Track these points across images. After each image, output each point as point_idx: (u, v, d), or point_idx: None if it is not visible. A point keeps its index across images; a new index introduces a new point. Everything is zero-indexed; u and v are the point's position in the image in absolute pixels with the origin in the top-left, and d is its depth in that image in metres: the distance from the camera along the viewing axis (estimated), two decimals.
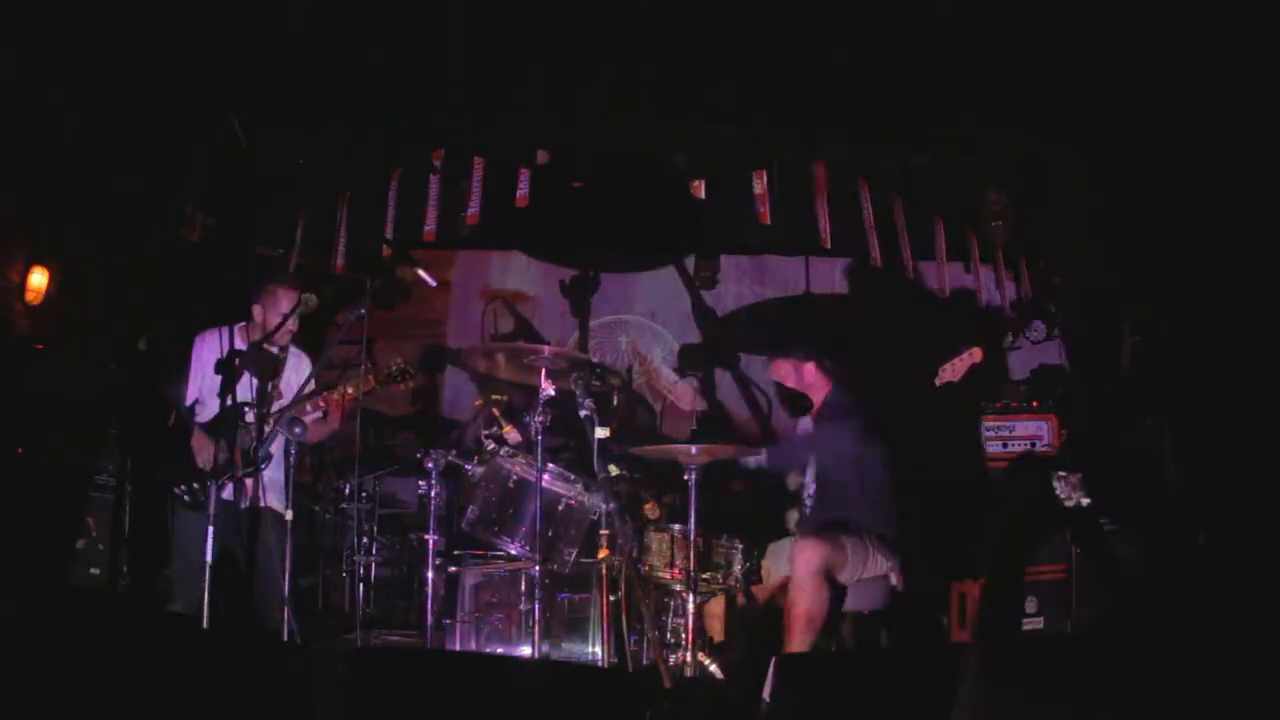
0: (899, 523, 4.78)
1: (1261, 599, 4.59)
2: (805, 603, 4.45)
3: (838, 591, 4.59)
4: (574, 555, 4.72)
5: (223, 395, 4.19)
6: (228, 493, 4.31)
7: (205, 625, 3.99)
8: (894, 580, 4.74)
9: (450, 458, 4.92)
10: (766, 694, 3.76)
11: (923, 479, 5.03)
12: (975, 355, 4.61)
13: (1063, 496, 4.65)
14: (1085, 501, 4.60)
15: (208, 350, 4.53)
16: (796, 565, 4.54)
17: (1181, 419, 5.15)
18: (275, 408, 4.46)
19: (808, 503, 4.95)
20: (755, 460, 5.05)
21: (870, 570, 4.67)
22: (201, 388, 4.56)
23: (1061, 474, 4.67)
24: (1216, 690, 3.14)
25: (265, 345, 4.46)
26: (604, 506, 4.42)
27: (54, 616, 3.24)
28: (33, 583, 4.68)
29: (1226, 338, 5.19)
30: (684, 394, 5.26)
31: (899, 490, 4.85)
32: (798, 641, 4.44)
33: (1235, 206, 5.11)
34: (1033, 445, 5.67)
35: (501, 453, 4.79)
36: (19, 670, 2.99)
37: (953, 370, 4.66)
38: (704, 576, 4.72)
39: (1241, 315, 5.17)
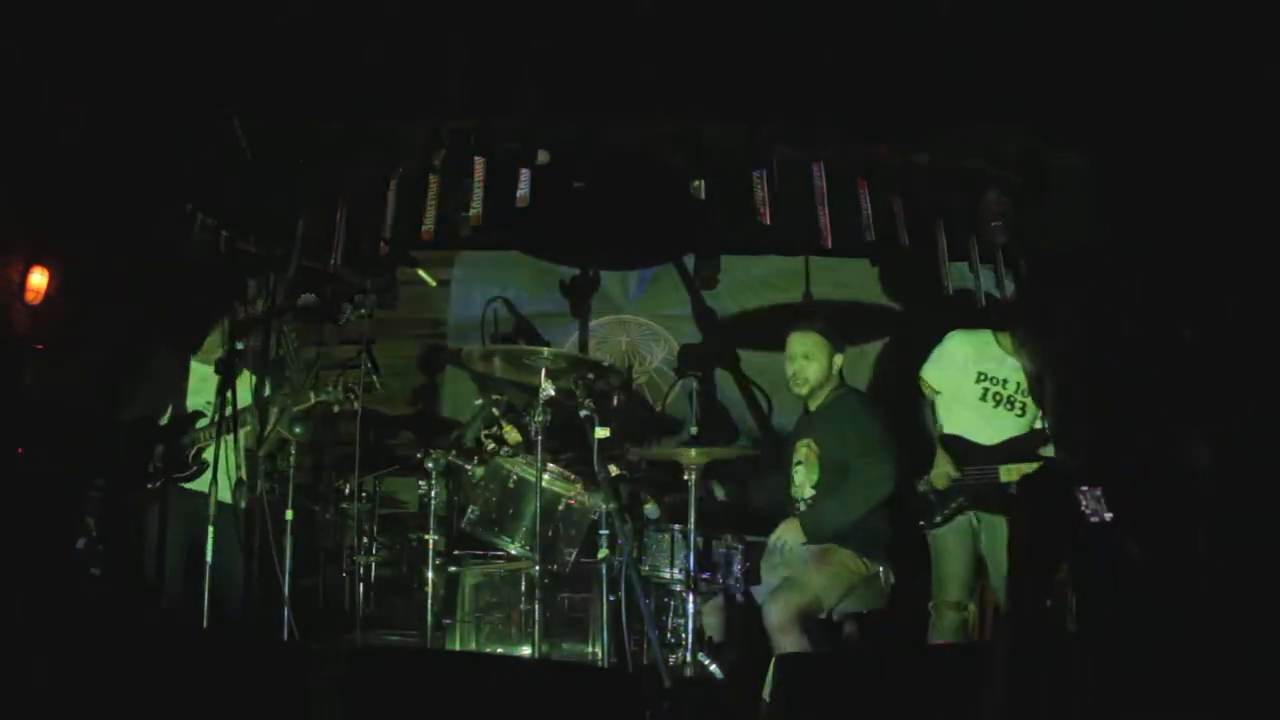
0: (886, 523, 4.78)
1: (1262, 599, 4.59)
2: (787, 648, 4.46)
3: (818, 624, 4.60)
4: (574, 555, 4.72)
5: (221, 395, 4.25)
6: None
7: (205, 625, 4.00)
8: (884, 579, 4.73)
9: (450, 458, 4.92)
10: (766, 694, 3.76)
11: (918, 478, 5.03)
12: None
13: (1088, 512, 4.62)
14: (1109, 517, 4.58)
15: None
16: (769, 618, 4.52)
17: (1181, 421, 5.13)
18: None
19: (802, 508, 4.93)
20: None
21: (854, 578, 4.66)
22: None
23: (1085, 489, 4.65)
24: (1217, 690, 3.14)
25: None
26: (604, 506, 4.43)
27: (54, 616, 3.24)
28: (32, 583, 4.68)
29: (1225, 339, 5.18)
30: None
31: (899, 492, 4.86)
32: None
33: (1236, 208, 5.11)
34: None
35: (501, 453, 4.80)
36: (19, 670, 2.99)
37: None
38: (704, 576, 4.72)
39: (1241, 316, 5.16)
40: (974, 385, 4.91)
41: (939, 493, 4.79)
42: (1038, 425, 4.85)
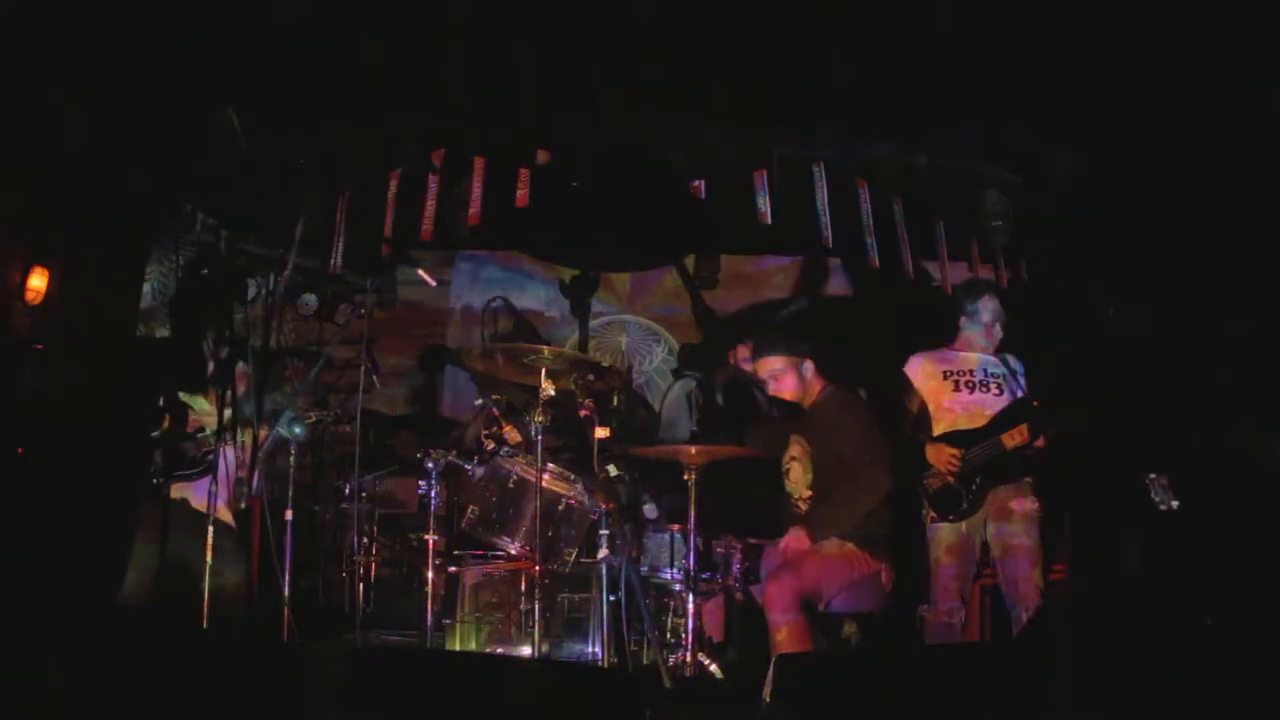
0: (886, 522, 4.78)
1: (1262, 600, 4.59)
2: (786, 639, 4.46)
3: (818, 615, 4.60)
4: (574, 555, 4.72)
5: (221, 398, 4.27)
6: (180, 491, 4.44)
7: (205, 625, 4.00)
8: (884, 578, 4.74)
9: (450, 458, 4.92)
10: (766, 694, 3.76)
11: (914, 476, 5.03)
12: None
13: (1157, 500, 4.62)
14: (1176, 505, 4.57)
15: None
16: (769, 602, 4.52)
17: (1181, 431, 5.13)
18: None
19: (801, 506, 4.94)
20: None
21: (854, 573, 4.67)
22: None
23: (1152, 476, 4.65)
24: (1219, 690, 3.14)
25: None
26: (603, 507, 4.43)
27: (55, 619, 3.24)
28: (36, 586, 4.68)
29: (1225, 346, 5.19)
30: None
31: (896, 490, 4.86)
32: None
33: (1237, 212, 5.11)
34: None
35: (501, 453, 4.80)
36: (20, 671, 2.99)
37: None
38: (704, 576, 4.73)
39: (1241, 323, 5.16)
40: (944, 382, 5.00)
41: (957, 479, 4.79)
42: (1019, 396, 4.89)
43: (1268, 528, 4.76)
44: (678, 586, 4.79)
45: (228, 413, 4.41)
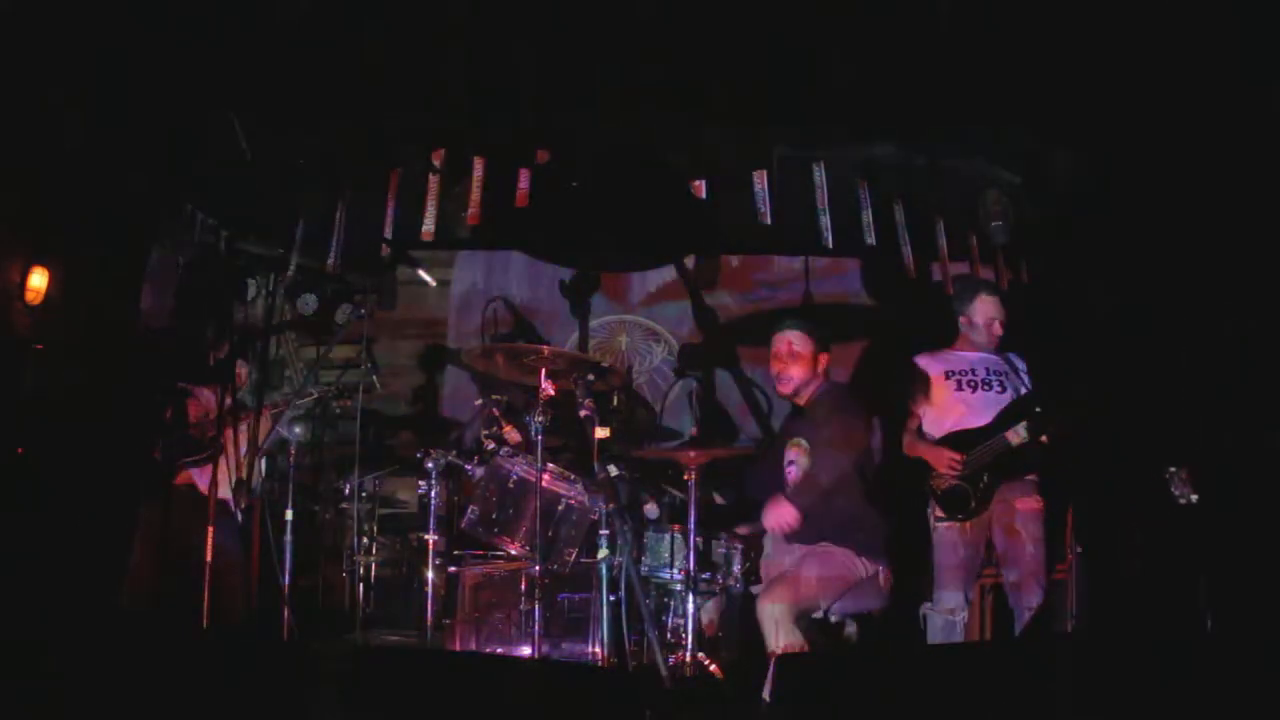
0: (884, 522, 4.77)
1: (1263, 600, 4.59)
2: (780, 646, 4.44)
3: (811, 623, 4.59)
4: (574, 555, 4.72)
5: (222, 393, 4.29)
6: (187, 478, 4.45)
7: (205, 625, 4.01)
8: (883, 579, 4.72)
9: (450, 458, 4.93)
10: (766, 694, 3.77)
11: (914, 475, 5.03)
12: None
13: (1176, 494, 4.61)
14: (1195, 499, 4.57)
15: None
16: (762, 616, 4.48)
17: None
18: None
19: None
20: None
21: (852, 578, 4.64)
22: None
23: (1172, 469, 4.64)
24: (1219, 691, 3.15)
25: None
26: (604, 507, 4.42)
27: (55, 619, 3.25)
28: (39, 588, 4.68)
29: (1225, 350, 5.19)
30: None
31: (894, 489, 4.86)
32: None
33: (1236, 212, 5.11)
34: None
35: (501, 453, 4.80)
36: (20, 671, 2.99)
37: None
38: (704, 576, 4.72)
39: (1240, 327, 5.16)
40: (946, 382, 5.00)
41: (964, 479, 4.79)
42: (1023, 392, 4.90)
43: (1269, 527, 4.77)
44: (678, 586, 4.79)
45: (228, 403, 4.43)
